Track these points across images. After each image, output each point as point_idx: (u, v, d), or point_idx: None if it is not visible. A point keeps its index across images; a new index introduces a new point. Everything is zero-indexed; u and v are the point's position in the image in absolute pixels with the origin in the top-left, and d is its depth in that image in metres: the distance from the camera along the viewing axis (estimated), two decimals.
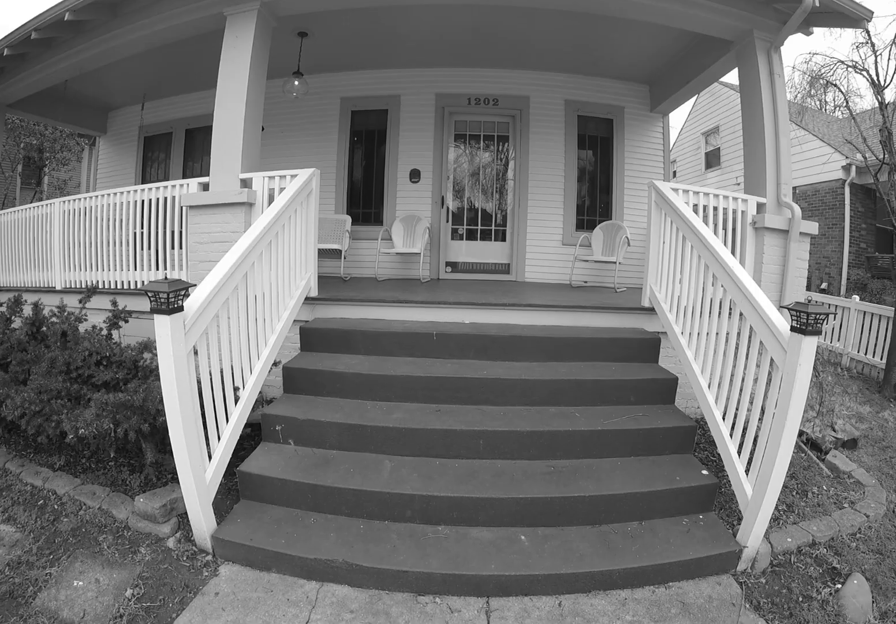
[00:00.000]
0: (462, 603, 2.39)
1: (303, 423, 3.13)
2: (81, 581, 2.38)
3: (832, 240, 11.62)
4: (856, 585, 2.45)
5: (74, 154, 12.47)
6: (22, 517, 2.76)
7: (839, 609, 2.35)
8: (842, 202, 11.44)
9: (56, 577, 2.40)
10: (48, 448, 3.37)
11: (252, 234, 2.90)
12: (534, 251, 6.61)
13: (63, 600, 2.27)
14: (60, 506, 2.90)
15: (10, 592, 2.29)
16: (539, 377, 3.45)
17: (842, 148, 11.42)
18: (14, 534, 2.65)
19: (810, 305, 2.34)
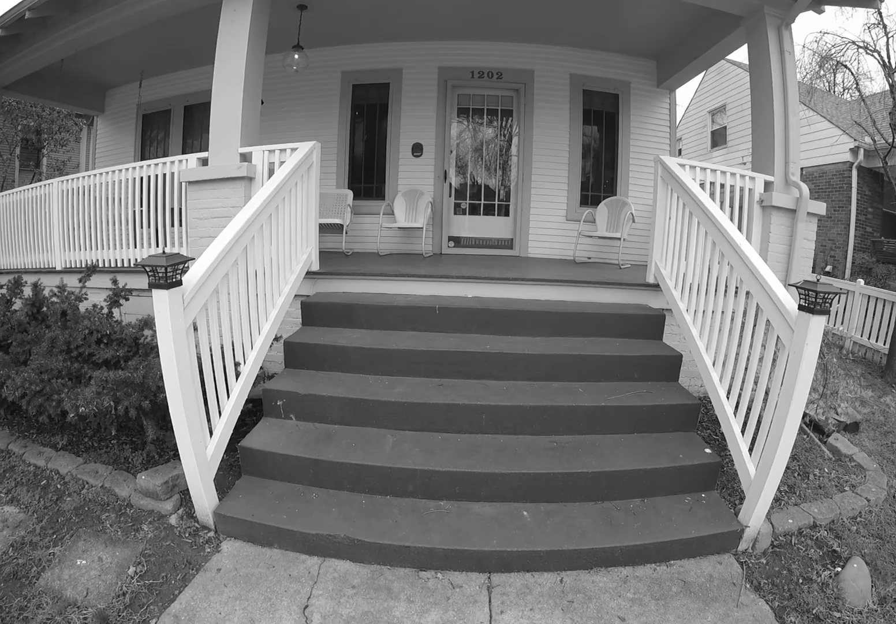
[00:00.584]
0: (464, 578, 2.40)
1: (304, 397, 3.12)
2: (84, 560, 2.39)
3: (838, 223, 11.51)
4: (855, 568, 2.45)
5: (72, 135, 12.34)
6: (25, 498, 2.77)
7: (839, 592, 2.35)
8: (849, 185, 11.31)
9: (59, 556, 2.41)
10: (50, 428, 3.37)
11: (251, 208, 2.85)
12: (537, 226, 6.54)
13: (66, 579, 2.29)
14: (63, 485, 2.90)
15: (13, 573, 2.30)
16: (542, 352, 3.43)
17: (850, 130, 11.25)
18: (18, 515, 2.65)
19: (819, 284, 2.29)
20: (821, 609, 2.25)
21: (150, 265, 2.22)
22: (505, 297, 4.16)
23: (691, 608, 2.26)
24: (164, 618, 2.13)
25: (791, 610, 2.25)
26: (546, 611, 2.24)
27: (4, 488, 2.84)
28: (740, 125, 13.21)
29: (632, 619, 2.21)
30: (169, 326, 2.26)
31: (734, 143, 13.93)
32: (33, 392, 2.99)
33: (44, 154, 13.27)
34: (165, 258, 2.24)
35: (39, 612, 2.12)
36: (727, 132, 14.46)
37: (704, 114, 15.65)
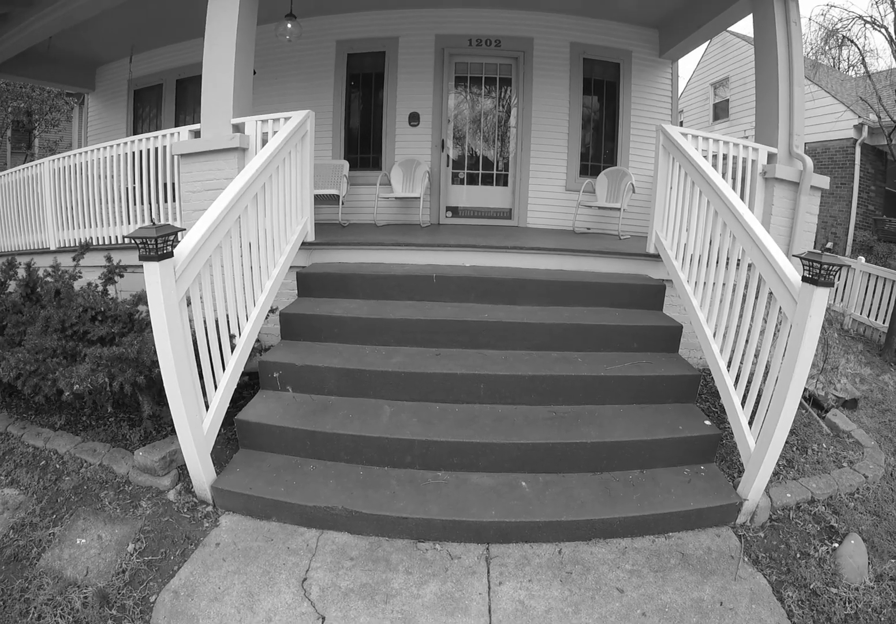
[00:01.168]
0: (462, 549, 2.40)
1: (301, 369, 3.10)
2: (84, 539, 2.39)
3: (840, 199, 11.41)
4: (853, 545, 2.45)
5: (64, 114, 12.17)
6: (25, 479, 2.76)
7: (836, 568, 2.35)
8: (852, 162, 11.18)
9: (59, 536, 2.40)
10: (48, 409, 3.35)
11: (244, 177, 2.79)
12: (536, 196, 6.45)
13: (67, 559, 2.28)
14: (62, 465, 2.89)
15: (14, 555, 2.30)
16: (541, 321, 3.41)
17: (854, 106, 11.09)
18: (18, 496, 2.64)
19: (824, 255, 2.25)
20: (818, 584, 2.26)
21: (140, 237, 2.18)
22: (503, 266, 4.12)
23: (689, 581, 2.27)
24: (164, 594, 2.14)
25: (788, 584, 2.26)
26: (544, 582, 2.25)
27: (4, 471, 2.83)
28: (743, 98, 13.00)
29: (630, 590, 2.22)
30: (161, 299, 2.22)
31: (736, 116, 13.72)
32: (28, 372, 2.96)
33: (35, 135, 13.12)
34: (155, 229, 2.20)
35: (40, 593, 2.12)
36: (729, 105, 14.24)
37: (707, 86, 15.39)
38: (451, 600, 2.16)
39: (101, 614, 2.04)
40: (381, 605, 2.13)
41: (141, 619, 2.04)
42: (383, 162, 6.42)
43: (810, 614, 2.12)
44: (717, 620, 2.08)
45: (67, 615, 2.04)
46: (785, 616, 2.11)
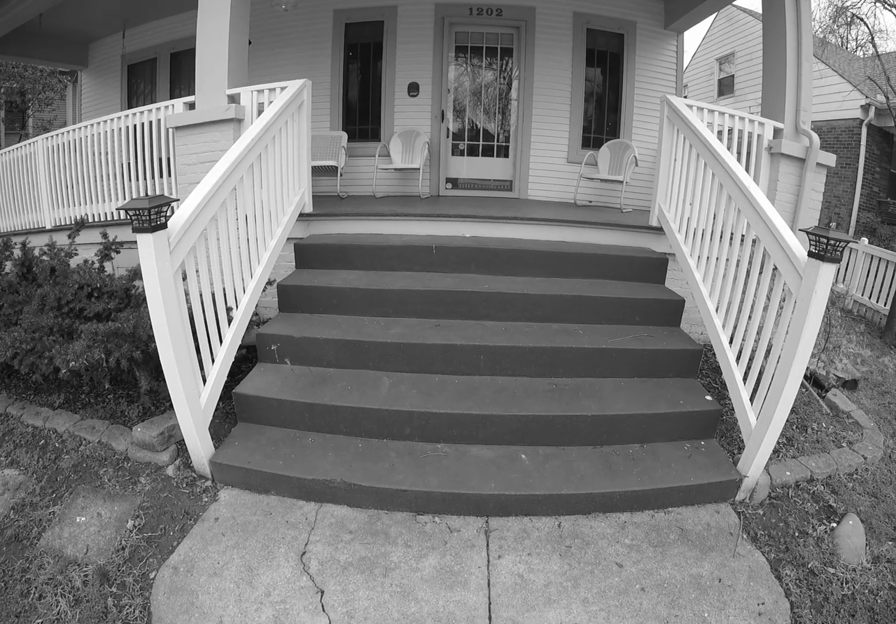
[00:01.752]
0: (461, 522, 2.40)
1: (299, 341, 3.07)
2: (84, 517, 2.39)
3: (844, 179, 11.30)
4: (851, 525, 2.45)
5: (57, 93, 12.01)
6: (24, 459, 2.75)
7: (834, 548, 2.35)
8: (857, 142, 11.04)
9: (59, 515, 2.40)
10: (47, 388, 3.34)
11: (240, 147, 2.72)
12: (537, 168, 6.36)
13: (67, 538, 2.28)
14: (61, 444, 2.88)
15: (15, 536, 2.30)
16: (542, 292, 3.38)
17: (861, 86, 10.93)
18: (18, 477, 2.63)
19: (831, 230, 2.20)
20: (816, 564, 2.26)
21: (133, 208, 2.13)
22: (504, 236, 4.09)
23: (688, 556, 2.27)
24: (164, 570, 2.14)
25: (787, 563, 2.26)
26: (544, 556, 2.25)
27: (4, 451, 2.82)
28: (749, 74, 12.79)
29: (629, 565, 2.22)
30: (155, 271, 2.18)
31: (742, 92, 13.51)
32: (25, 351, 2.93)
33: (29, 115, 12.97)
34: (148, 200, 2.15)
35: (41, 572, 2.12)
36: (735, 81, 14.01)
37: (712, 61, 15.14)
38: (451, 574, 2.16)
39: (101, 592, 2.05)
40: (381, 578, 2.13)
41: (141, 595, 2.05)
42: (382, 133, 6.32)
43: (808, 594, 2.13)
44: (715, 596, 2.09)
45: (68, 594, 2.04)
46: (782, 594, 2.11)
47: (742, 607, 2.04)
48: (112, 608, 1.99)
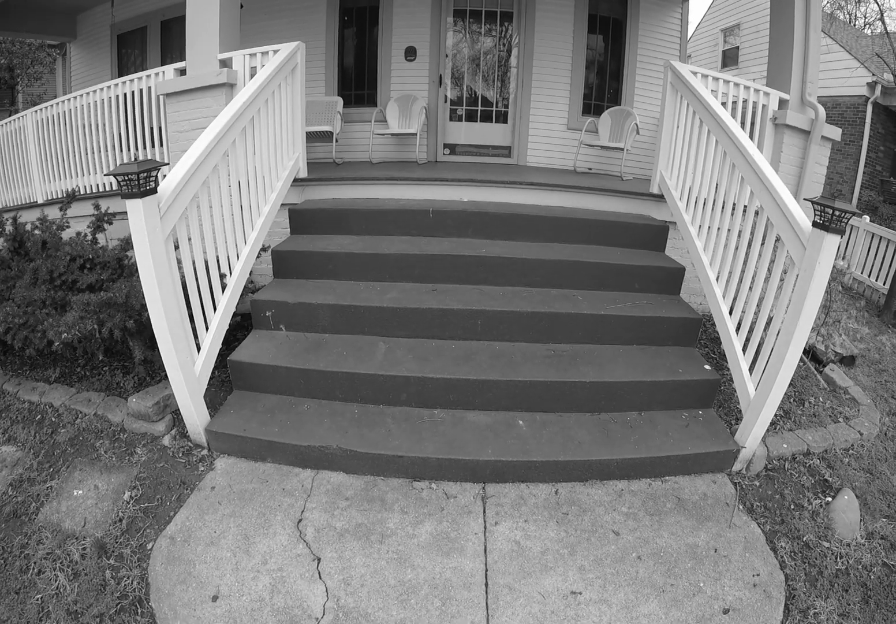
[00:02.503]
0: (458, 489, 2.40)
1: (294, 306, 3.04)
2: (81, 490, 2.38)
3: (848, 156, 11.19)
4: (846, 500, 2.45)
5: (46, 67, 11.76)
6: (21, 435, 2.73)
7: (828, 522, 2.36)
8: (862, 119, 10.91)
9: (57, 489, 2.39)
10: (43, 363, 3.31)
11: (231, 110, 2.65)
12: (537, 134, 6.23)
13: (65, 512, 2.28)
14: (58, 418, 2.86)
15: (13, 512, 2.29)
16: (540, 257, 3.34)
17: (868, 63, 10.74)
18: (15, 453, 2.62)
19: (836, 201, 2.16)
20: (811, 537, 2.27)
21: (122, 173, 2.07)
22: (502, 201, 4.04)
23: (685, 526, 2.27)
24: (161, 540, 2.14)
25: (782, 535, 2.27)
26: (541, 523, 2.25)
27: (0, 429, 2.80)
28: (754, 46, 12.53)
29: (626, 533, 2.22)
30: (145, 237, 2.13)
31: (746, 64, 13.26)
32: (17, 325, 2.90)
33: (18, 91, 12.70)
34: (137, 165, 2.09)
35: (40, 547, 2.12)
36: (739, 53, 13.74)
37: (716, 32, 14.84)
38: (447, 540, 2.16)
39: (99, 565, 2.05)
40: (377, 545, 2.13)
41: (138, 566, 2.05)
42: (379, 98, 6.17)
43: (802, 567, 2.14)
44: (711, 566, 2.10)
45: (66, 568, 2.04)
46: (777, 566, 2.12)
47: (737, 578, 2.06)
48: (110, 580, 1.99)
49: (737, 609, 1.94)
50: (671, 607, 1.94)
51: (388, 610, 1.90)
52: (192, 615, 1.87)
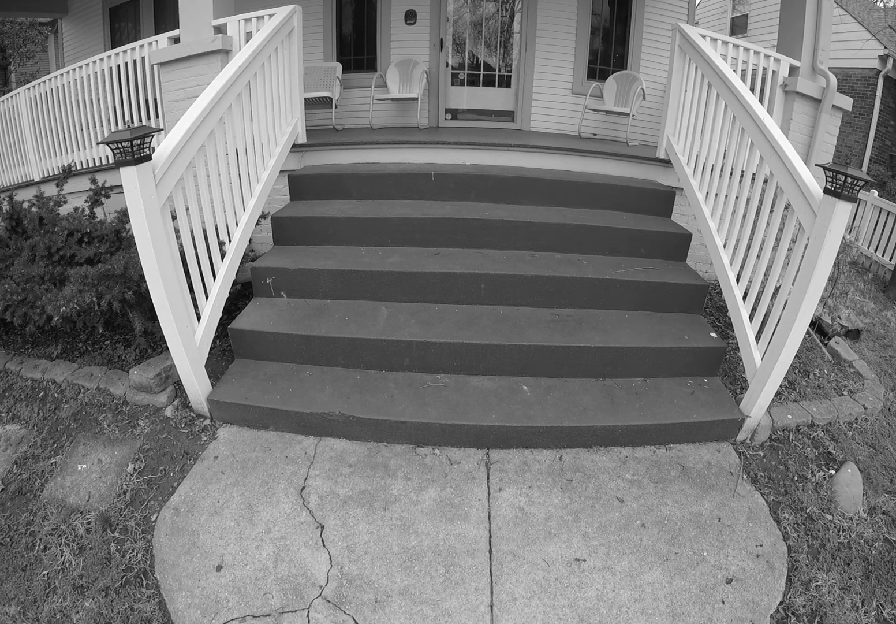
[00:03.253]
0: (462, 454, 2.39)
1: (294, 273, 3.01)
2: (84, 464, 2.38)
3: (857, 130, 10.99)
4: (849, 474, 2.43)
5: (38, 45, 11.56)
6: (25, 413, 2.72)
7: (832, 495, 2.34)
8: (873, 93, 10.68)
9: (61, 464, 2.39)
10: (44, 340, 3.30)
11: (226, 75, 2.58)
12: (540, 99, 6.10)
13: (69, 487, 2.27)
14: (60, 394, 2.85)
15: (19, 490, 2.29)
16: (545, 220, 3.30)
17: (880, 35, 10.48)
18: (19, 431, 2.61)
19: (849, 168, 2.09)
20: (814, 509, 2.25)
21: (115, 141, 2.02)
22: (505, 164, 3.98)
23: (689, 494, 2.27)
24: (165, 512, 2.14)
25: (785, 506, 2.26)
26: (545, 489, 2.24)
27: (4, 408, 2.79)
28: (764, 14, 12.21)
29: (630, 501, 2.22)
30: (141, 206, 2.08)
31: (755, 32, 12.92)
32: (16, 302, 2.87)
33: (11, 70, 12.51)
34: (129, 131, 2.04)
35: (45, 524, 2.12)
36: (748, 21, 13.37)
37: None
38: (451, 506, 2.16)
39: (103, 538, 2.05)
40: (381, 512, 2.13)
41: (143, 539, 2.05)
42: (379, 63, 6.04)
43: (805, 539, 2.13)
44: (714, 535, 2.09)
45: (72, 543, 2.04)
46: (780, 538, 2.11)
47: (741, 548, 2.05)
48: (115, 554, 2.00)
49: (740, 579, 1.94)
50: (675, 576, 1.94)
51: (392, 577, 1.90)
52: (197, 586, 1.87)
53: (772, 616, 1.83)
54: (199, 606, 1.81)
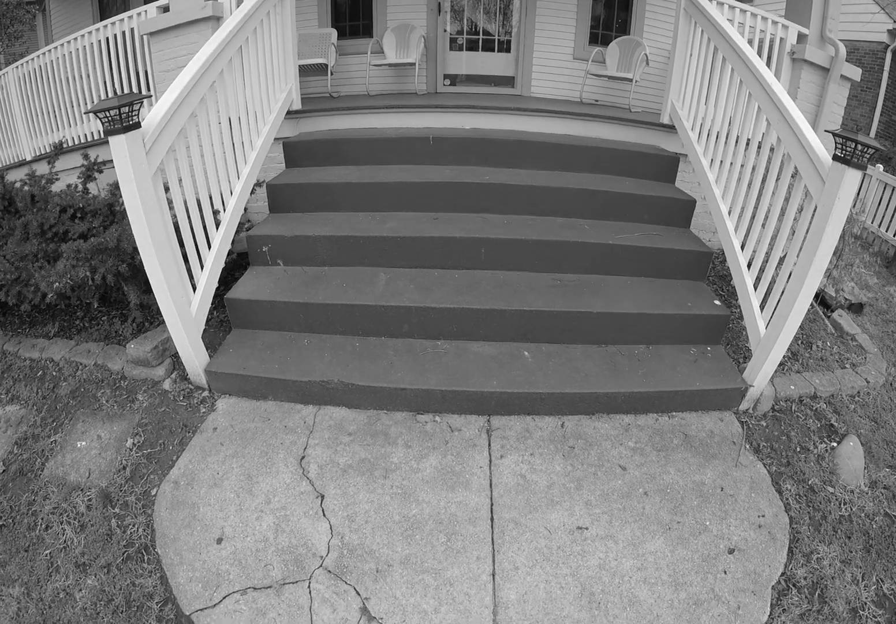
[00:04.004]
0: (462, 421, 2.37)
1: (291, 240, 2.97)
2: (84, 441, 2.36)
3: (864, 103, 10.81)
4: (851, 446, 2.42)
5: (26, 24, 11.29)
6: (24, 393, 2.70)
7: (833, 467, 2.33)
8: (881, 67, 10.48)
9: (60, 443, 2.37)
10: (42, 319, 3.27)
11: (217, 39, 2.49)
12: (541, 64, 5.97)
13: (69, 464, 2.26)
14: (58, 372, 2.83)
15: (20, 470, 2.28)
16: (547, 184, 3.25)
17: (889, 8, 10.23)
18: (19, 411, 2.59)
19: (860, 134, 2.03)
20: (816, 481, 2.24)
21: (102, 109, 1.95)
22: (506, 128, 3.92)
23: (691, 463, 2.25)
24: (164, 486, 2.13)
25: (787, 477, 2.25)
26: (546, 456, 2.23)
27: (3, 389, 2.77)
28: None
29: (633, 468, 2.20)
30: (131, 175, 2.02)
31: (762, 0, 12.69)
32: (10, 281, 2.83)
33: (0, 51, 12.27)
34: (117, 98, 1.98)
35: (46, 503, 2.11)
36: None
37: None
38: (452, 474, 2.14)
39: (104, 515, 2.05)
40: (381, 480, 2.12)
41: (143, 513, 2.05)
42: (375, 29, 5.89)
43: (807, 510, 2.12)
44: (717, 505, 2.08)
45: (73, 521, 2.04)
46: (782, 509, 2.11)
47: (743, 518, 2.04)
48: (116, 529, 1.99)
49: (742, 549, 1.93)
50: (677, 545, 1.93)
51: (393, 546, 1.90)
52: (198, 559, 1.87)
53: (773, 587, 1.83)
54: (200, 579, 1.81)
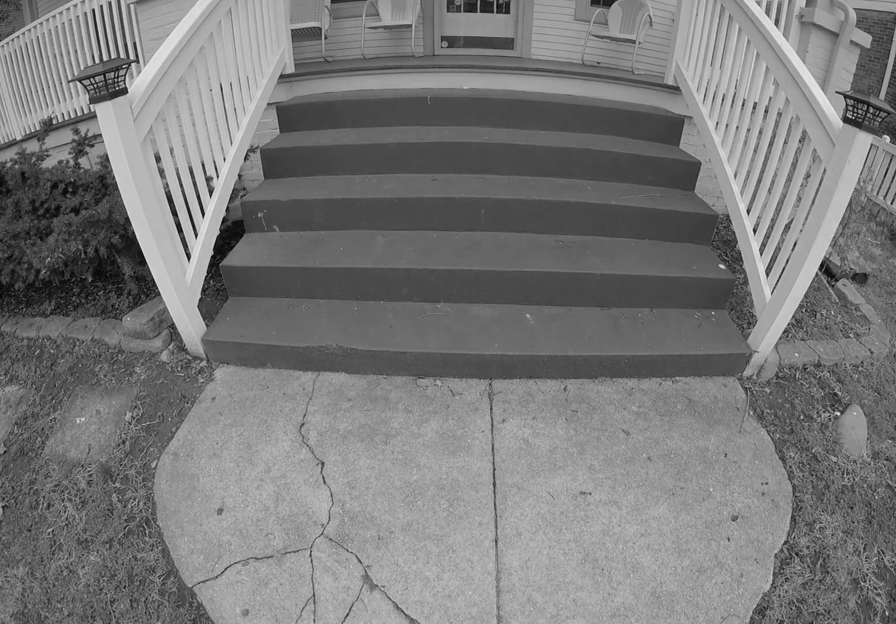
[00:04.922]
0: (464, 385, 2.35)
1: (286, 205, 2.92)
2: (83, 417, 2.34)
3: (871, 73, 10.63)
4: (854, 416, 2.39)
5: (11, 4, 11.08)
6: (22, 373, 2.68)
7: (837, 437, 2.31)
8: (889, 38, 10.31)
9: (60, 420, 2.35)
10: (38, 298, 3.24)
11: (205, 2, 2.42)
12: (542, 25, 5.75)
13: (69, 441, 2.24)
14: (56, 349, 2.80)
15: (20, 450, 2.26)
16: (548, 144, 3.18)
17: None
18: (18, 391, 2.57)
19: (872, 97, 1.96)
20: (819, 450, 2.22)
21: (87, 76, 1.88)
22: (506, 88, 3.83)
23: (695, 428, 2.23)
24: (164, 458, 2.12)
25: (791, 445, 2.23)
26: (549, 420, 2.20)
27: (2, 370, 2.75)
28: None
29: (636, 433, 2.18)
30: (119, 143, 1.96)
31: None
32: (2, 259, 2.79)
33: None
34: (102, 64, 1.91)
35: (47, 481, 2.10)
36: None
37: None
38: (453, 439, 2.12)
39: (105, 490, 2.04)
40: (381, 446, 2.10)
41: (143, 487, 2.03)
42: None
43: (810, 479, 2.10)
44: (720, 471, 2.07)
45: (74, 497, 2.03)
46: (785, 476, 2.09)
47: (746, 485, 2.03)
48: (117, 504, 1.99)
49: (745, 517, 1.92)
50: (680, 511, 1.92)
51: (395, 513, 1.89)
52: (199, 530, 1.86)
53: (776, 555, 1.82)
54: (201, 551, 1.80)
